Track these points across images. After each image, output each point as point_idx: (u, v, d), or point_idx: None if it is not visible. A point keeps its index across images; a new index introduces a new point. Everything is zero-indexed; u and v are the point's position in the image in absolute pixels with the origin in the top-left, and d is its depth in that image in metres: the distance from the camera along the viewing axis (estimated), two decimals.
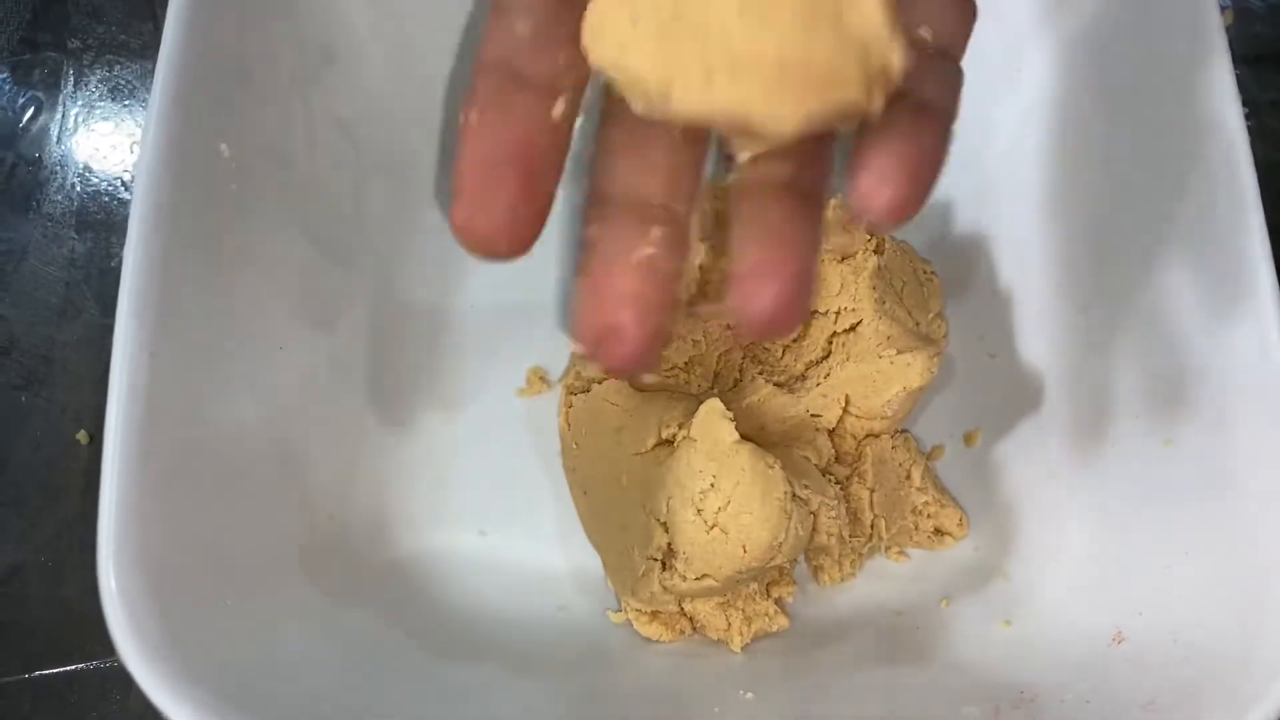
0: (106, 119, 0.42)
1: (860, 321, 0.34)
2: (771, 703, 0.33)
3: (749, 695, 0.33)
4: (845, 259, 0.35)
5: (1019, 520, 0.35)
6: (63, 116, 0.42)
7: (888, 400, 0.34)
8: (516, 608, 0.36)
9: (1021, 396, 0.36)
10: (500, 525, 0.37)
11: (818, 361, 0.35)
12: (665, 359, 0.36)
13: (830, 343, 0.35)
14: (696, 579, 0.31)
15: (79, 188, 0.41)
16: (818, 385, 0.35)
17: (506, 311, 0.39)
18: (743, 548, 0.31)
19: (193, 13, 0.31)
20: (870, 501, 0.35)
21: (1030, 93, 0.37)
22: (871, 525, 0.35)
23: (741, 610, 0.34)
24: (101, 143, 0.42)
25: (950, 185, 0.40)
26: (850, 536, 0.35)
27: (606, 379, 0.35)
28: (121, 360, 0.28)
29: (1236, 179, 0.30)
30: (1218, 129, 0.31)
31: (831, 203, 0.36)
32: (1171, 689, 0.29)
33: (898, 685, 0.33)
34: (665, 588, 0.32)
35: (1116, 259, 0.34)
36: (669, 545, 0.32)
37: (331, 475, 0.35)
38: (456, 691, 0.32)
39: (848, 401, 0.35)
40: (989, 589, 0.35)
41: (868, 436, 0.36)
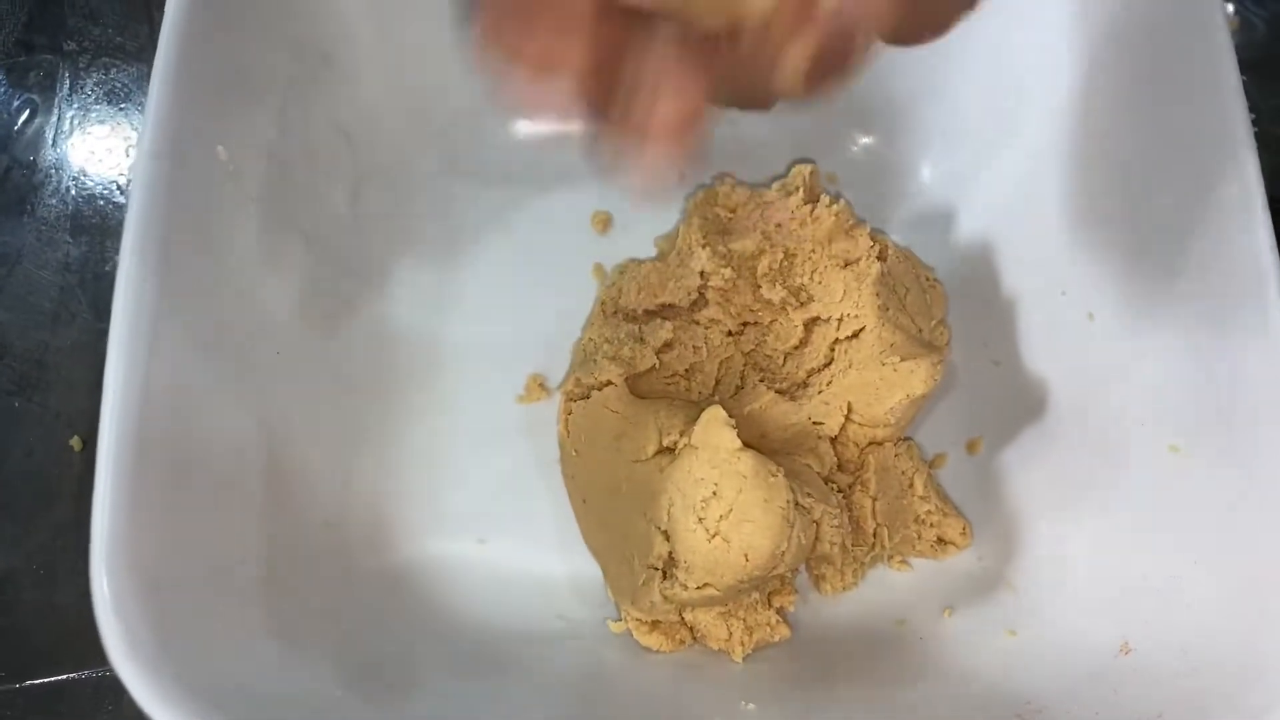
0: (102, 122, 0.42)
1: (863, 328, 0.34)
2: (773, 713, 0.32)
3: (750, 706, 0.32)
4: (848, 265, 0.35)
5: (1023, 529, 0.35)
6: (58, 120, 0.42)
7: (890, 408, 0.34)
8: (515, 617, 0.35)
9: (1026, 404, 0.36)
10: (499, 533, 0.36)
11: (820, 369, 0.35)
12: (666, 365, 0.36)
13: (833, 349, 0.35)
14: (698, 588, 0.31)
15: (74, 191, 0.41)
16: (820, 392, 0.35)
17: (506, 316, 0.39)
18: (745, 556, 0.30)
19: (190, 16, 0.31)
20: (873, 510, 0.35)
21: (1039, 103, 0.37)
22: (874, 534, 0.35)
23: (743, 620, 0.34)
24: (97, 146, 0.42)
25: (955, 193, 0.40)
26: (853, 545, 0.34)
27: (607, 385, 0.35)
28: (116, 365, 0.28)
29: (1245, 187, 0.30)
30: (1225, 138, 0.31)
31: (834, 208, 0.35)
32: (1179, 701, 0.28)
33: (901, 696, 0.32)
34: (666, 597, 0.32)
35: (1123, 266, 0.33)
36: (670, 554, 0.32)
37: (328, 482, 0.35)
38: (455, 701, 0.32)
39: (850, 409, 0.34)
40: (993, 599, 0.34)
41: (870, 444, 0.35)
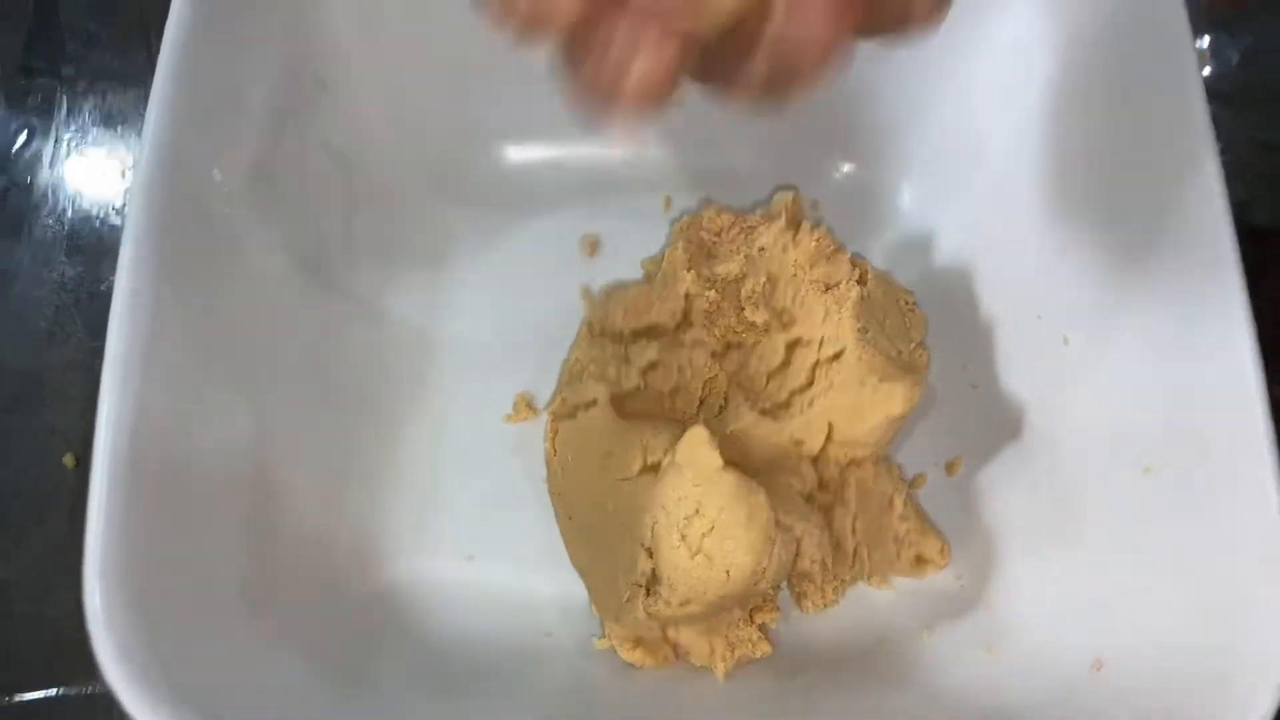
0: (99, 145, 0.43)
1: (843, 350, 0.35)
2: None
3: None
4: (829, 289, 0.35)
5: (1000, 548, 0.35)
6: (56, 143, 0.42)
7: (870, 428, 0.34)
8: (502, 634, 0.36)
9: (1003, 426, 0.37)
10: (487, 551, 0.37)
11: (802, 389, 0.36)
12: (650, 385, 0.37)
13: (814, 371, 0.36)
14: (680, 604, 0.32)
15: (70, 213, 0.41)
16: (801, 413, 0.35)
17: (494, 337, 0.39)
18: (726, 573, 0.31)
19: (187, 40, 0.31)
20: (853, 528, 0.35)
21: (1010, 130, 0.37)
22: (854, 552, 0.35)
23: (725, 637, 0.34)
24: (94, 169, 0.42)
25: (934, 219, 0.41)
26: (833, 563, 0.35)
27: (593, 405, 0.36)
28: (110, 383, 0.28)
29: (1213, 215, 0.31)
30: (1195, 168, 0.31)
31: (815, 233, 0.36)
32: (1153, 713, 0.29)
33: (881, 713, 0.33)
34: (649, 613, 0.32)
35: (1096, 291, 0.34)
36: (653, 570, 0.32)
37: (319, 499, 0.35)
38: (442, 717, 0.32)
39: (831, 429, 0.35)
40: (971, 617, 0.35)
41: (850, 464, 0.36)
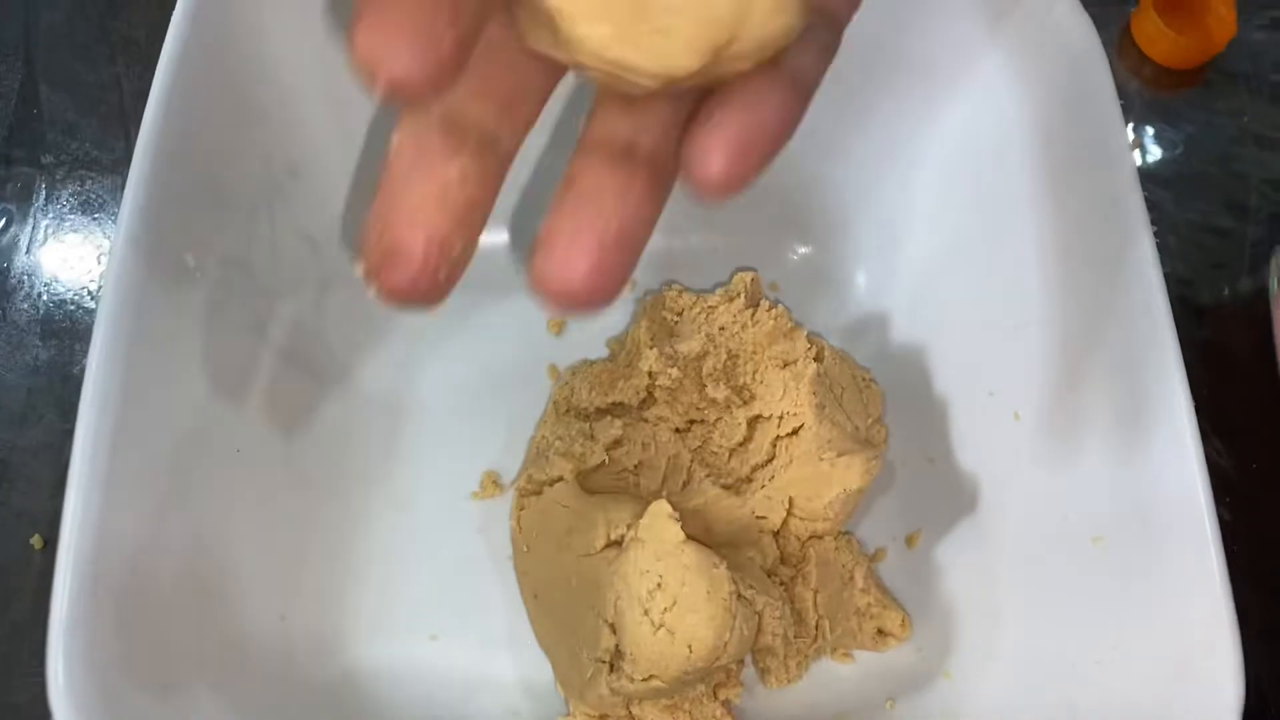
0: (76, 231, 0.43)
1: (802, 425, 0.36)
2: None
3: None
4: (787, 365, 0.36)
5: (959, 620, 0.36)
6: (33, 228, 0.43)
7: (829, 501, 0.35)
8: (467, 714, 0.36)
9: (959, 500, 0.37)
10: (451, 629, 0.37)
11: (763, 464, 0.37)
12: (615, 461, 0.37)
13: (774, 446, 0.36)
14: (643, 680, 0.32)
15: (45, 296, 0.42)
16: (763, 488, 0.36)
17: (461, 415, 0.40)
18: (689, 647, 0.31)
19: (165, 129, 0.32)
20: (814, 602, 0.36)
21: (959, 213, 0.39)
22: (816, 626, 0.36)
23: (689, 713, 0.34)
24: (70, 254, 0.43)
25: (888, 299, 0.42)
26: (795, 637, 0.35)
27: (558, 481, 0.36)
28: (80, 464, 0.29)
29: (1151, 300, 0.32)
30: (1132, 246, 0.33)
31: (773, 312, 0.37)
32: None
33: None
34: (613, 689, 0.32)
35: (1043, 371, 0.35)
36: (616, 646, 0.32)
37: (284, 578, 0.35)
38: None
39: (791, 504, 0.36)
40: (932, 689, 0.35)
41: (811, 538, 0.36)
